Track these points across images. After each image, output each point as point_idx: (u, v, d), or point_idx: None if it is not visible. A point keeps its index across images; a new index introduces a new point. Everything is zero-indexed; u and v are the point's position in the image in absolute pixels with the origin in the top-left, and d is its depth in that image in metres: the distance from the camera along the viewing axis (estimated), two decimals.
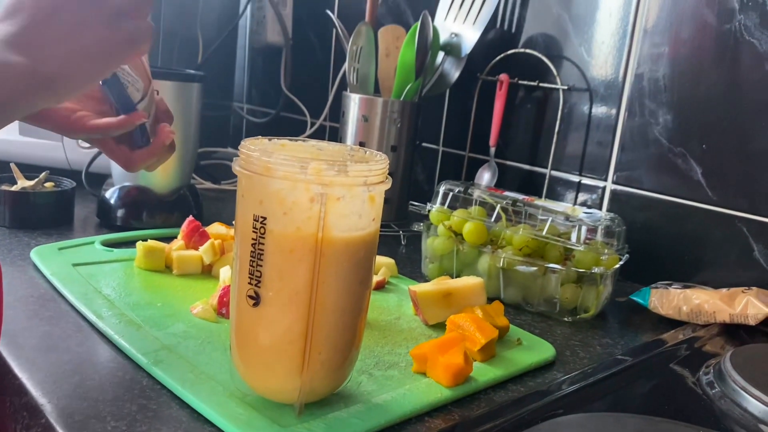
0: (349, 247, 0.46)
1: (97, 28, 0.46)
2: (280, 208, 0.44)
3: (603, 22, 0.90)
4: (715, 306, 0.71)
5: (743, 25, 0.77)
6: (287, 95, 1.39)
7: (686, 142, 0.83)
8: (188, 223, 0.76)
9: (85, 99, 0.59)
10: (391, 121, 1.00)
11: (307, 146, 0.52)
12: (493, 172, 1.02)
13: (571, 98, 0.94)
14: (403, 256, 0.90)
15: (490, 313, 0.63)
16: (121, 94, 0.57)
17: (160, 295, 0.65)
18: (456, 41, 1.01)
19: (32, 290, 0.64)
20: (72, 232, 0.84)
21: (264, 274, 0.45)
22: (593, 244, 0.74)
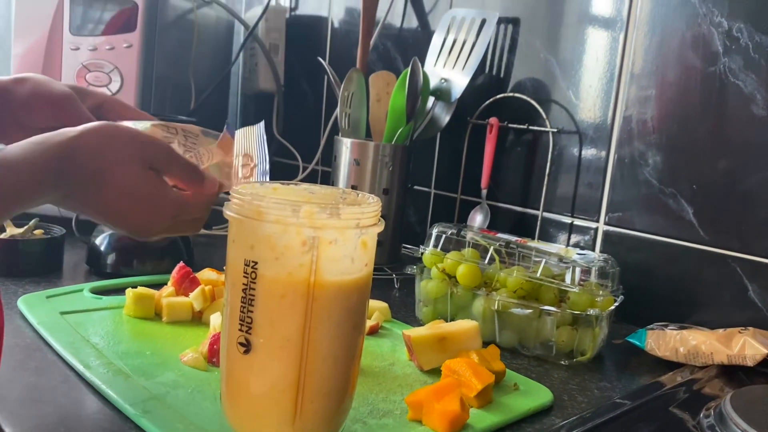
0: (342, 291, 0.45)
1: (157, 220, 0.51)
2: (271, 252, 0.43)
3: (590, 66, 0.92)
4: (713, 347, 0.70)
5: (728, 68, 0.78)
6: (279, 140, 1.40)
7: (676, 182, 0.83)
8: (178, 269, 0.75)
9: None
10: (383, 165, 1.00)
11: (299, 190, 0.52)
12: (485, 214, 1.02)
13: (560, 140, 0.95)
14: (396, 299, 0.89)
15: (486, 357, 0.62)
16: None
17: (150, 343, 0.64)
18: (446, 86, 1.02)
19: (18, 339, 0.63)
20: (61, 280, 0.82)
21: (255, 320, 0.44)
22: (588, 285, 0.73)
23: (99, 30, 1.06)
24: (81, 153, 0.46)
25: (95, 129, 0.47)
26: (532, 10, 0.99)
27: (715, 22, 0.79)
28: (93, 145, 0.47)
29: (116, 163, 0.47)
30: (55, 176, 0.45)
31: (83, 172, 0.46)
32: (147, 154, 0.49)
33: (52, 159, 0.45)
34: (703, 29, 0.80)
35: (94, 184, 0.47)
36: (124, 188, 0.47)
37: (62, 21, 1.05)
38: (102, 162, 0.47)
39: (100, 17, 1.06)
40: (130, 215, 0.49)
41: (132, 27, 1.06)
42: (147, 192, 0.49)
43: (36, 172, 0.44)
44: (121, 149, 0.48)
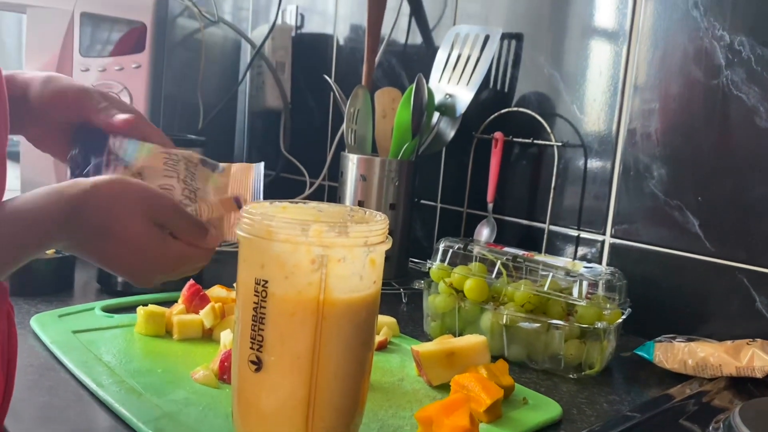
0: (351, 308, 0.46)
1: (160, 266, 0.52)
2: (281, 271, 0.44)
3: (593, 80, 0.93)
4: (721, 359, 0.70)
5: (730, 81, 0.79)
6: (286, 157, 1.41)
7: (681, 194, 0.84)
8: (189, 286, 0.76)
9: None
10: (389, 180, 1.01)
11: (307, 208, 0.53)
12: (491, 227, 1.02)
13: (565, 154, 0.96)
14: (404, 314, 0.90)
15: (495, 372, 0.62)
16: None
17: (161, 361, 0.65)
18: (450, 102, 1.03)
19: (32, 359, 0.64)
20: (72, 299, 0.83)
21: (265, 338, 0.45)
22: (595, 298, 0.74)
23: (108, 51, 1.07)
24: (89, 208, 0.47)
25: (106, 184, 0.49)
26: (535, 26, 1.00)
27: (717, 36, 0.80)
28: (102, 200, 0.48)
29: (122, 219, 0.49)
30: (62, 228, 0.47)
31: (89, 226, 0.48)
32: (153, 211, 0.51)
33: (60, 212, 0.46)
34: (705, 43, 0.81)
35: (99, 237, 0.48)
36: (127, 242, 0.49)
37: (72, 43, 1.07)
38: (109, 217, 0.48)
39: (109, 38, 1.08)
40: (132, 266, 0.51)
41: (140, 47, 1.07)
42: (150, 247, 0.51)
43: (43, 225, 0.46)
44: (129, 205, 0.49)
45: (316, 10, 1.40)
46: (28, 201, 0.46)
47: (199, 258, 0.55)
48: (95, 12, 1.06)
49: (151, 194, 0.51)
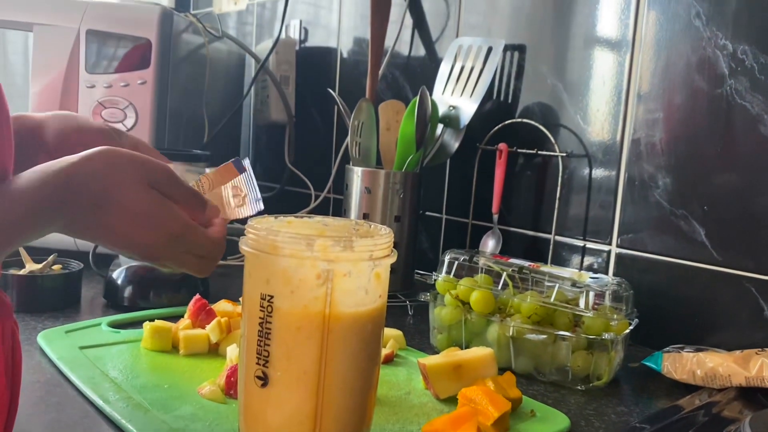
0: (357, 322, 0.46)
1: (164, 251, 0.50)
2: (287, 286, 0.44)
3: (597, 90, 0.93)
4: (730, 369, 0.70)
5: (734, 89, 0.79)
6: (291, 170, 1.42)
7: (687, 204, 0.83)
8: (195, 301, 0.76)
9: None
10: (394, 192, 1.01)
11: (312, 222, 0.53)
12: (497, 239, 1.02)
13: (570, 164, 0.96)
14: (410, 327, 0.90)
15: (502, 384, 0.62)
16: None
17: (168, 377, 0.65)
18: (454, 113, 1.03)
19: (39, 375, 0.64)
20: (79, 314, 0.84)
21: (272, 353, 0.45)
22: (602, 309, 0.73)
23: (113, 67, 1.08)
24: (81, 178, 0.46)
25: (96, 153, 0.47)
26: (538, 37, 1.00)
27: (719, 45, 0.80)
28: (94, 170, 0.47)
29: (118, 185, 0.47)
30: (57, 204, 0.45)
31: (85, 197, 0.46)
32: (149, 174, 0.49)
33: (52, 187, 0.45)
34: (708, 52, 0.81)
35: (96, 208, 0.47)
36: (126, 208, 0.47)
37: (78, 59, 1.07)
38: (103, 184, 0.47)
39: (114, 55, 1.08)
40: (134, 235, 0.49)
41: (146, 63, 1.08)
42: (150, 209, 0.49)
43: (36, 202, 0.44)
44: (123, 171, 0.48)
45: (319, 24, 1.41)
46: (20, 181, 0.44)
47: (205, 238, 0.52)
48: (101, 29, 1.07)
49: (145, 159, 0.50)
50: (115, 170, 0.47)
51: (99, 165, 0.47)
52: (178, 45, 1.15)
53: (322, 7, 1.40)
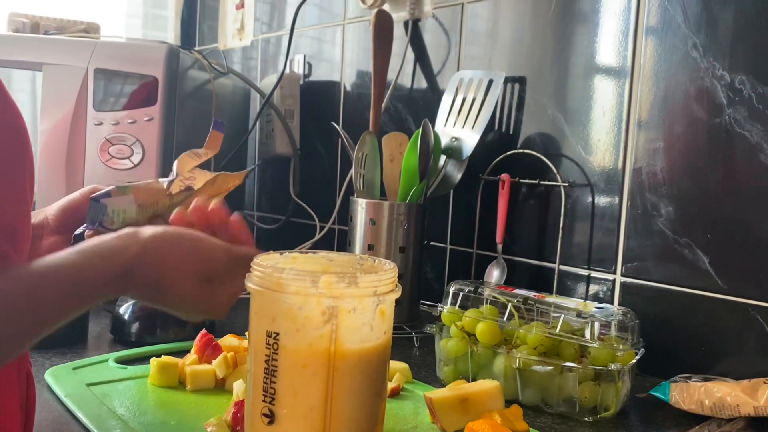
0: (362, 359, 0.46)
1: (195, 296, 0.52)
2: (292, 324, 0.44)
3: (597, 120, 0.94)
4: (738, 398, 0.69)
5: (733, 119, 0.80)
6: (296, 201, 1.43)
7: (690, 232, 0.84)
8: (201, 336, 0.77)
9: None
10: (399, 223, 1.02)
11: (317, 258, 0.53)
12: (501, 269, 1.03)
13: (573, 193, 0.96)
14: (417, 359, 0.89)
15: (509, 417, 0.61)
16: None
17: (174, 413, 0.65)
18: (457, 145, 1.04)
19: (47, 413, 0.64)
20: (86, 350, 0.84)
21: (278, 390, 0.45)
22: (608, 339, 0.73)
23: (121, 104, 1.10)
24: (141, 268, 0.49)
25: (157, 240, 0.50)
26: (538, 69, 1.02)
27: (717, 75, 0.81)
28: (153, 260, 0.49)
29: (173, 278, 0.50)
30: (112, 288, 0.48)
31: (141, 284, 0.49)
32: (204, 264, 0.52)
33: (112, 274, 0.47)
34: (706, 82, 0.82)
35: (150, 292, 0.51)
36: (178, 297, 0.51)
37: (86, 97, 1.09)
38: (160, 277, 0.50)
39: (121, 92, 1.10)
40: (182, 311, 0.54)
41: (153, 100, 1.10)
42: (200, 301, 0.53)
43: (93, 285, 0.47)
44: (179, 263, 0.51)
45: (323, 58, 1.43)
46: (75, 259, 0.46)
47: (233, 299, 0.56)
48: (109, 68, 1.10)
49: (201, 246, 0.52)
50: (170, 262, 0.50)
51: (156, 256, 0.50)
52: (184, 81, 1.17)
53: (325, 42, 1.42)
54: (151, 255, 0.49)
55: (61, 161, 1.09)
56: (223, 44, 1.71)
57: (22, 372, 0.46)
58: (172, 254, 0.50)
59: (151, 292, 0.50)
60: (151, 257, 0.49)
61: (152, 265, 0.49)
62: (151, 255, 0.49)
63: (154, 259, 0.49)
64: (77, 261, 0.46)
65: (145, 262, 0.49)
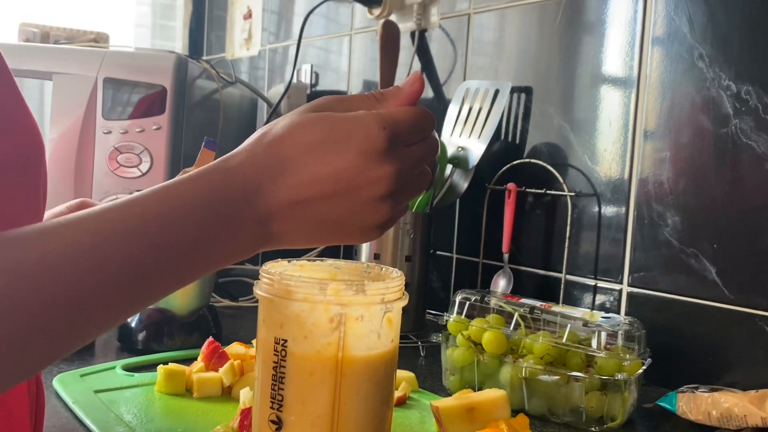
0: (370, 366, 0.46)
1: (358, 216, 0.39)
2: (300, 330, 0.45)
3: (603, 131, 0.94)
4: (746, 409, 0.69)
5: (739, 129, 0.80)
6: None
7: (697, 242, 0.84)
8: (208, 344, 0.77)
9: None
10: (405, 232, 1.02)
11: (324, 266, 0.54)
12: (508, 278, 1.03)
13: (579, 203, 0.96)
14: (423, 368, 0.89)
15: (516, 427, 0.61)
16: None
17: (181, 421, 0.65)
18: (463, 154, 1.05)
19: (55, 420, 0.64)
20: (93, 357, 0.84)
21: (285, 397, 0.45)
22: (614, 349, 0.73)
23: (129, 113, 1.11)
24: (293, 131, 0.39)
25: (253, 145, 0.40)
26: (544, 79, 1.02)
27: (723, 86, 0.81)
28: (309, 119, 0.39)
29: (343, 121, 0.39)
30: (266, 177, 0.38)
31: (300, 146, 0.39)
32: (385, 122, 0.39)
33: (260, 157, 0.39)
34: (712, 92, 0.82)
35: (315, 158, 0.38)
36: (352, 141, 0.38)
37: (95, 106, 1.10)
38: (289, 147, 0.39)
39: (130, 101, 1.11)
40: (362, 197, 0.39)
41: (161, 109, 1.11)
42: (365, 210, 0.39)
43: (243, 185, 0.38)
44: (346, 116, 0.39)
45: (330, 68, 1.44)
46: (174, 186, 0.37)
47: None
48: (118, 77, 1.11)
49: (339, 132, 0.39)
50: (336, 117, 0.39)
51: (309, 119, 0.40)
52: (192, 91, 1.18)
53: (332, 52, 1.43)
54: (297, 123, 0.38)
55: (70, 169, 1.10)
56: (231, 54, 1.73)
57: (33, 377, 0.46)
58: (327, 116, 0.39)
59: (313, 160, 0.38)
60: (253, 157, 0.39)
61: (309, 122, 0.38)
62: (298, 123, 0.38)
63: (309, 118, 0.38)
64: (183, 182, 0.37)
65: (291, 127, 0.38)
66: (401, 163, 0.39)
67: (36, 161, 0.43)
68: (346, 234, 0.40)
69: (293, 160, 0.39)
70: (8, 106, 0.41)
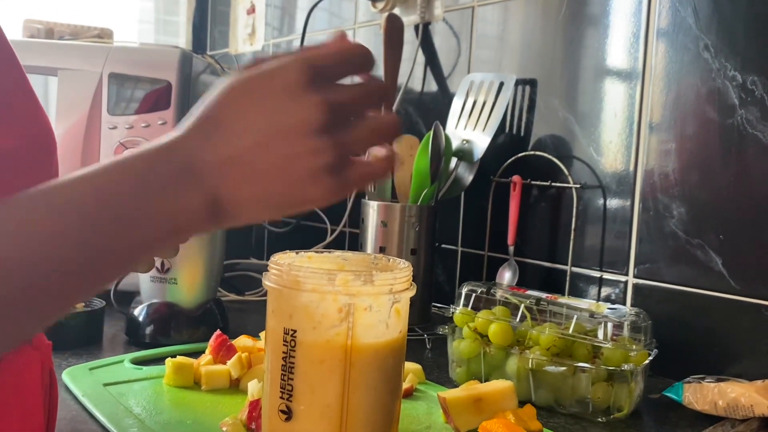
0: (378, 354, 0.46)
1: (306, 178, 0.37)
2: (310, 321, 0.45)
3: (609, 122, 0.94)
4: (752, 399, 0.69)
5: (745, 119, 0.80)
6: None
7: (703, 233, 0.84)
8: (215, 337, 0.77)
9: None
10: (410, 226, 1.02)
11: (332, 257, 0.54)
12: (513, 270, 1.03)
13: (584, 195, 0.96)
14: (429, 360, 0.90)
15: (523, 417, 0.62)
16: None
17: (190, 413, 0.65)
18: (468, 147, 1.05)
19: (64, 412, 0.65)
20: (102, 351, 0.85)
21: (295, 387, 0.45)
22: (621, 340, 0.73)
23: (134, 108, 1.11)
24: (226, 99, 0.38)
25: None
26: (549, 71, 1.02)
27: (728, 76, 0.81)
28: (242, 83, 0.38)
29: (272, 75, 0.38)
30: (199, 146, 0.38)
31: (234, 114, 0.38)
32: (308, 60, 0.38)
33: (194, 129, 0.38)
34: (717, 83, 0.82)
35: (248, 123, 0.37)
36: (287, 107, 0.37)
37: (101, 102, 1.11)
38: (254, 87, 0.38)
39: (135, 97, 1.12)
40: (302, 163, 0.37)
41: (166, 105, 1.11)
42: (321, 107, 0.37)
43: (163, 160, 0.37)
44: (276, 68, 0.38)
45: None
46: (133, 160, 0.37)
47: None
48: (123, 72, 1.11)
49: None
50: (264, 74, 0.38)
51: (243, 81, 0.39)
52: (197, 86, 1.18)
53: None
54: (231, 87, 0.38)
55: (75, 165, 1.10)
56: (235, 49, 1.73)
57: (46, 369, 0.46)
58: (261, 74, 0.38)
59: (246, 126, 0.37)
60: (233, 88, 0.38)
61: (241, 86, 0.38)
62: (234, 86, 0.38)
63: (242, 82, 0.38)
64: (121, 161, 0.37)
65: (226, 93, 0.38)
66: (328, 94, 0.37)
67: (48, 156, 0.44)
68: (294, 186, 0.37)
69: (223, 116, 0.38)
70: (20, 102, 0.41)
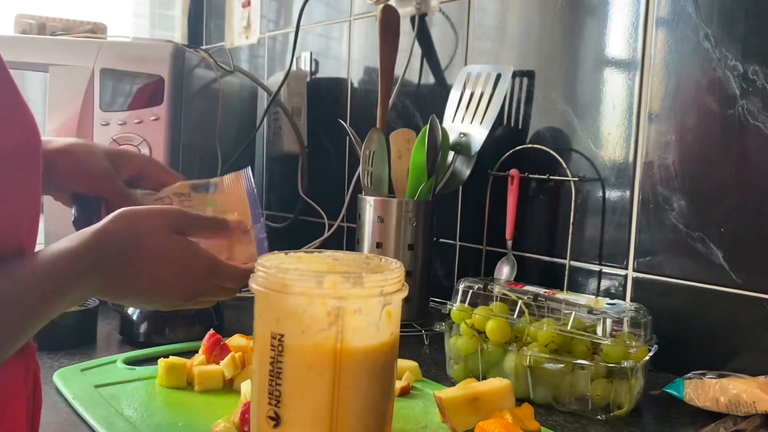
0: (369, 358, 0.45)
1: (189, 283, 0.55)
2: (297, 325, 0.44)
3: (607, 114, 0.92)
4: (754, 395, 0.68)
5: (746, 110, 0.78)
6: (305, 200, 1.42)
7: (703, 226, 0.82)
8: (209, 336, 0.76)
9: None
10: (407, 221, 1.01)
11: (323, 257, 0.53)
12: (511, 265, 1.01)
13: (583, 188, 0.95)
14: (426, 357, 0.89)
15: (520, 416, 0.61)
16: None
17: (183, 414, 0.65)
18: (465, 140, 1.03)
19: (54, 416, 0.64)
20: (95, 351, 0.84)
21: (283, 393, 0.44)
22: (620, 336, 0.72)
23: (127, 104, 1.10)
24: (111, 236, 0.50)
25: (117, 215, 0.53)
26: (547, 63, 1.00)
27: (729, 66, 0.79)
28: (121, 227, 0.51)
29: (145, 236, 0.52)
30: (93, 264, 0.49)
31: (117, 254, 0.50)
32: (170, 221, 0.54)
33: (88, 248, 0.49)
34: (718, 73, 0.80)
35: (129, 262, 0.51)
36: (157, 255, 0.52)
37: (93, 98, 1.09)
38: (131, 237, 0.51)
39: (128, 92, 1.10)
40: (167, 282, 0.53)
41: (159, 100, 1.10)
42: (179, 254, 0.54)
43: (76, 263, 0.48)
44: (145, 223, 0.53)
45: (330, 56, 1.42)
46: (51, 251, 0.48)
47: (230, 272, 0.57)
48: (115, 68, 1.09)
49: (160, 210, 0.55)
50: (138, 224, 0.52)
51: (123, 223, 0.52)
52: (190, 80, 1.16)
53: (332, 39, 1.42)
54: (115, 223, 0.51)
55: None
56: (230, 42, 1.71)
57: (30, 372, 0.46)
58: (140, 218, 0.52)
59: (127, 261, 0.50)
60: (116, 225, 0.51)
61: (123, 228, 0.51)
62: (116, 223, 0.51)
63: (124, 223, 0.51)
64: (47, 249, 0.48)
65: (113, 229, 0.50)
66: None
67: (34, 155, 0.44)
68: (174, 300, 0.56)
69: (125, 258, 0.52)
70: (4, 102, 0.41)
